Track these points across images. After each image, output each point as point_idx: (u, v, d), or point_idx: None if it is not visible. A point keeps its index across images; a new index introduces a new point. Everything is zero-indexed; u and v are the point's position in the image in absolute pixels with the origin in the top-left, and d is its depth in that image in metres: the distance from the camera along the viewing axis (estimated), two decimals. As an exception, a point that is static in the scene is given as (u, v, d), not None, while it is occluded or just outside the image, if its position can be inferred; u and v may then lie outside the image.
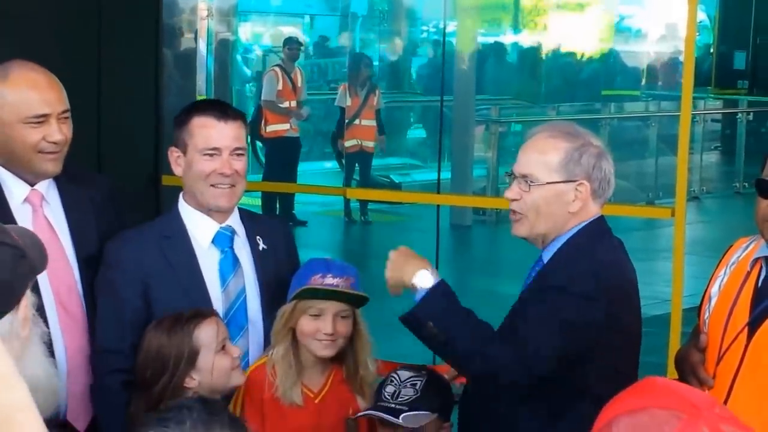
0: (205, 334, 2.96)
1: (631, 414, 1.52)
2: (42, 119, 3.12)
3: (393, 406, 3.03)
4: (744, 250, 3.10)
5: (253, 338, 3.28)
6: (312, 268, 3.16)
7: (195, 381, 2.91)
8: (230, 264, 3.26)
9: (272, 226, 3.46)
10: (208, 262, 3.24)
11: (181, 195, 3.31)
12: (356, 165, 12.26)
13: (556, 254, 3.04)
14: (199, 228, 3.25)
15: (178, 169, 3.25)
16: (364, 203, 12.04)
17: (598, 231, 3.06)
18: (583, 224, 3.03)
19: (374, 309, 3.25)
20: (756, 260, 2.99)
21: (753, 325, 2.95)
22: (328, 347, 3.12)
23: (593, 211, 3.04)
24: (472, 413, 3.13)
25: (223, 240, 3.26)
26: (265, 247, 3.32)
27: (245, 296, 3.26)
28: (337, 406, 3.16)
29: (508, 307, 3.18)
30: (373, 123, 12.09)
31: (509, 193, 3.07)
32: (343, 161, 12.34)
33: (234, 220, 3.30)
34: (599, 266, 2.98)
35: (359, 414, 3.10)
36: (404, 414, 3.00)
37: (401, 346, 3.60)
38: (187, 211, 3.27)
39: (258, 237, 3.32)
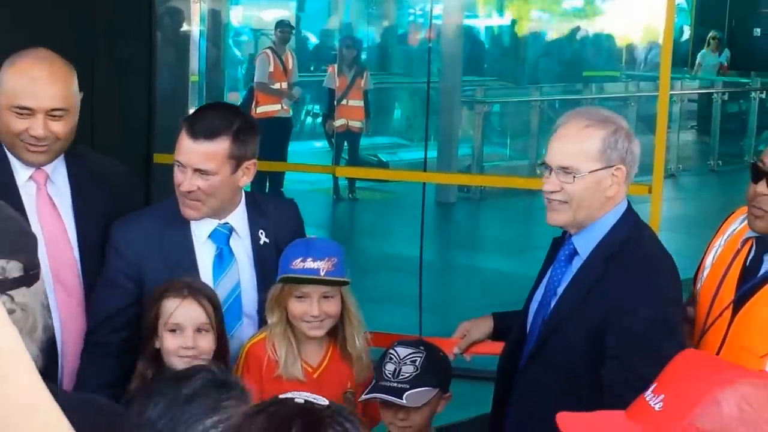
0: (166, 307, 2.96)
1: (733, 386, 1.52)
2: (28, 112, 3.08)
3: (395, 385, 3.03)
4: (740, 223, 3.09)
5: (249, 331, 3.25)
6: (294, 250, 3.11)
7: (157, 344, 2.94)
8: (224, 261, 3.23)
9: (279, 218, 3.34)
10: (204, 255, 3.22)
11: None
12: (345, 144, 12.25)
13: (603, 247, 2.97)
14: (199, 222, 3.21)
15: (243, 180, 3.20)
16: (351, 181, 12.03)
17: (635, 218, 3.03)
18: (619, 209, 3.00)
19: (362, 284, 3.24)
20: (747, 239, 2.99)
21: (737, 304, 2.95)
22: (316, 328, 3.10)
23: (624, 193, 3.02)
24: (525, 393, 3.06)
25: (219, 237, 3.23)
26: (267, 241, 3.27)
27: (239, 291, 3.23)
28: (336, 380, 3.15)
29: (489, 280, 3.17)
30: (361, 103, 12.07)
31: (549, 187, 2.97)
32: (333, 140, 12.33)
33: (235, 217, 3.25)
34: (662, 261, 2.97)
35: (363, 397, 3.07)
36: (407, 393, 3.00)
37: (390, 318, 3.60)
38: None
39: (261, 231, 3.27)
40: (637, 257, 2.94)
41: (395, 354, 3.09)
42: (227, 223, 3.23)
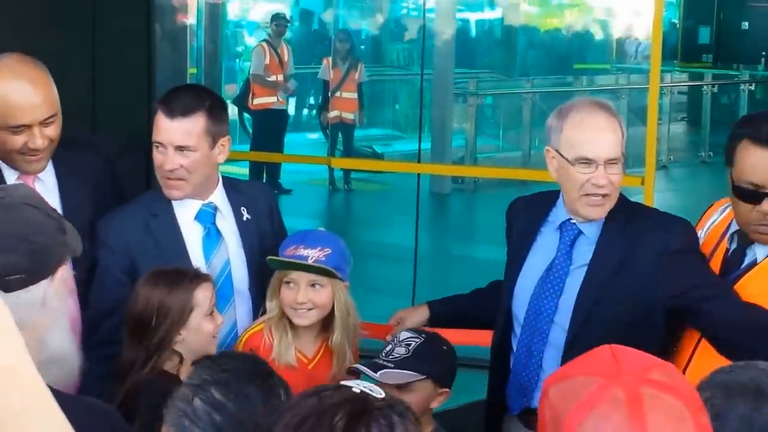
0: (202, 295, 2.94)
1: (558, 382, 1.48)
2: (24, 128, 3.07)
3: (380, 362, 2.96)
4: (720, 214, 3.09)
5: (241, 308, 3.28)
6: (291, 239, 3.14)
7: (181, 337, 2.88)
8: (213, 240, 3.26)
9: (255, 194, 3.42)
10: (192, 238, 3.24)
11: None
12: (339, 135, 12.23)
13: (610, 222, 3.02)
14: (183, 206, 3.25)
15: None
16: (347, 172, 12.02)
17: (623, 195, 3.11)
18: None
19: (357, 273, 3.24)
20: (730, 233, 2.99)
21: None
22: (302, 316, 3.08)
23: None
24: None
25: (206, 216, 3.27)
26: (249, 217, 3.31)
27: (230, 269, 3.25)
28: (329, 373, 3.15)
29: (483, 270, 3.18)
30: (354, 96, 12.05)
31: (602, 180, 2.95)
32: (328, 132, 12.32)
33: (217, 196, 3.29)
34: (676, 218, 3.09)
35: (348, 368, 3.06)
36: (385, 370, 2.91)
37: (385, 307, 3.60)
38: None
39: (242, 208, 3.31)
40: (653, 213, 3.11)
41: (397, 336, 3.07)
42: (211, 202, 3.27)
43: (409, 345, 2.98)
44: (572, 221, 3.07)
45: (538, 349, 3.08)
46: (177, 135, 3.15)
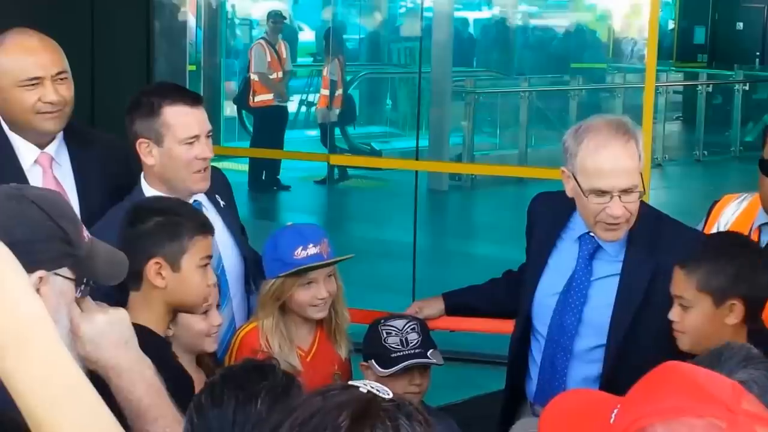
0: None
1: (666, 423, 1.38)
2: (36, 81, 3.10)
3: (412, 351, 3.05)
4: (738, 207, 3.06)
5: (236, 298, 3.25)
6: (289, 242, 3.08)
7: (170, 332, 2.80)
8: None
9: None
10: None
11: (142, 178, 3.19)
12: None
13: (635, 239, 2.98)
14: None
15: (150, 159, 3.14)
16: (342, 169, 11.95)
17: (644, 203, 3.06)
18: None
19: (356, 269, 3.24)
20: (757, 226, 2.97)
21: None
22: (323, 309, 3.10)
23: None
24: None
25: None
26: (224, 203, 3.30)
27: (222, 265, 3.19)
28: (326, 362, 3.14)
29: (480, 266, 3.18)
30: (339, 92, 12.02)
31: (619, 211, 2.88)
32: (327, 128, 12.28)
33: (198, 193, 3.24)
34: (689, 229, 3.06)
35: (390, 371, 3.04)
36: (430, 351, 3.07)
37: (384, 304, 3.60)
38: (153, 193, 3.15)
39: (216, 195, 3.27)
40: (683, 231, 3.03)
41: (393, 327, 3.09)
42: (197, 200, 3.21)
43: (415, 329, 3.11)
44: (591, 234, 3.03)
45: (562, 363, 3.07)
46: (206, 122, 3.15)
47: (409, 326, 3.09)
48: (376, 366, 3.07)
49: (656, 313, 2.91)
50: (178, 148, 3.09)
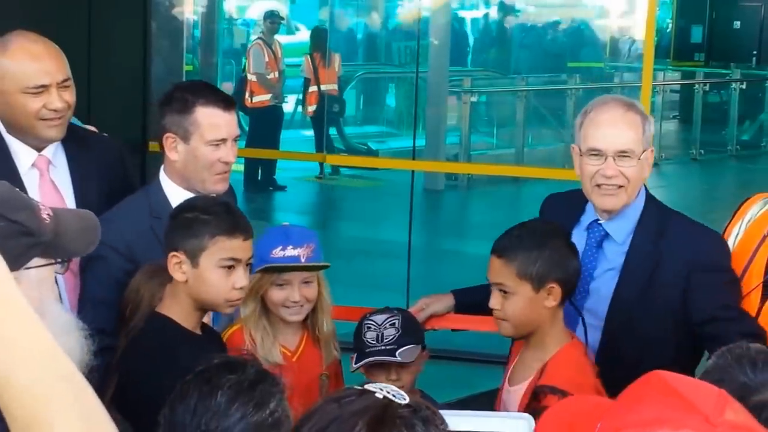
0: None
1: (636, 429, 1.37)
2: (42, 89, 3.09)
3: (383, 347, 3.03)
4: (762, 207, 3.08)
5: None
6: (272, 239, 3.09)
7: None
8: None
9: None
10: None
11: (162, 171, 3.22)
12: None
13: (644, 227, 3.02)
14: (174, 201, 3.16)
15: (174, 155, 3.16)
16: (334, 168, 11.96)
17: (654, 198, 3.11)
18: (642, 191, 3.09)
19: (351, 269, 3.24)
20: None
21: (767, 286, 2.95)
22: (296, 313, 3.10)
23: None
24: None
25: None
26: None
27: None
28: (312, 363, 3.14)
29: (475, 266, 3.18)
30: (335, 87, 12.01)
31: (610, 171, 2.97)
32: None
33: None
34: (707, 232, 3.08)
35: (354, 366, 3.07)
36: (399, 350, 3.02)
37: (379, 303, 3.60)
38: (172, 188, 3.18)
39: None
40: (689, 224, 3.08)
41: (373, 322, 3.09)
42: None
43: (394, 324, 3.07)
44: (599, 221, 3.09)
45: None
46: (235, 126, 3.17)
47: (388, 321, 3.07)
48: (353, 361, 3.10)
49: (656, 301, 2.98)
50: (204, 148, 3.11)
